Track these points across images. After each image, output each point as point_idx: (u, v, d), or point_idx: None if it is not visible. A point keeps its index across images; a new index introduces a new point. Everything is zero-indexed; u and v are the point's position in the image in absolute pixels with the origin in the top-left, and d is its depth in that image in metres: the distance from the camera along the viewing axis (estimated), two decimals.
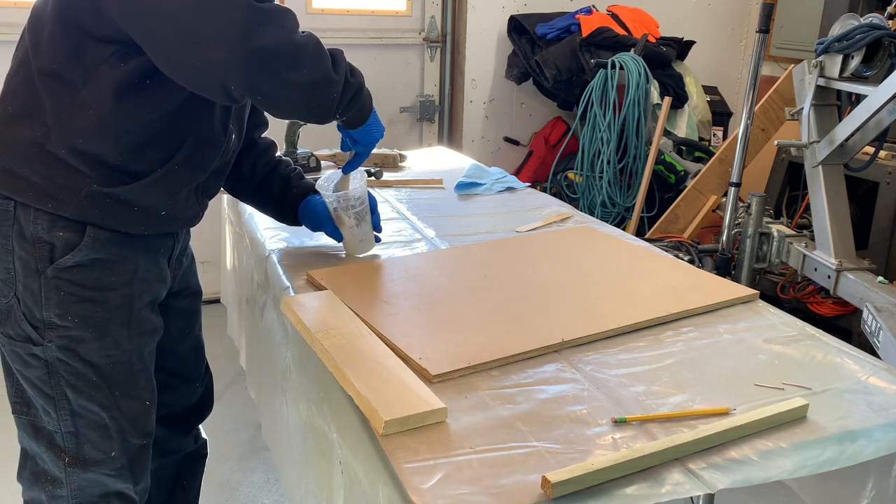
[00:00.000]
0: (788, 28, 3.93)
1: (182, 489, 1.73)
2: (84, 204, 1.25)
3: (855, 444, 1.06)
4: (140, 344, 1.37)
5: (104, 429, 1.35)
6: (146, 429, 1.42)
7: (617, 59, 3.44)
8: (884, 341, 2.17)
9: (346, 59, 1.34)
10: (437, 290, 1.50)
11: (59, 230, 1.26)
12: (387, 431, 1.02)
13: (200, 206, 1.46)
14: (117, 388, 1.35)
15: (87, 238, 1.27)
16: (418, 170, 2.51)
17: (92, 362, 1.31)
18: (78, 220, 1.26)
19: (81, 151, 1.23)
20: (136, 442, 1.39)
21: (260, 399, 1.80)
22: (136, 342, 1.36)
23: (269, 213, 1.77)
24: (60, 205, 1.24)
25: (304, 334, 1.31)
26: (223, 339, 2.33)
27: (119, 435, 1.37)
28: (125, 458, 1.38)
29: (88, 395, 1.32)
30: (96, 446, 1.35)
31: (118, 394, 1.35)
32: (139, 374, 1.38)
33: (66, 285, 1.27)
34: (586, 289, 1.52)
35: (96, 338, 1.31)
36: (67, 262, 1.26)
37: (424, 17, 3.88)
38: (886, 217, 3.02)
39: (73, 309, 1.28)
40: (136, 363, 1.37)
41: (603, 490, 0.93)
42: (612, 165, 3.49)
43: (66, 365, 1.30)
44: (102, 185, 1.25)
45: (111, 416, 1.35)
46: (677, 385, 1.18)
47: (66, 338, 1.29)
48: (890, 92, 2.23)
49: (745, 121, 2.77)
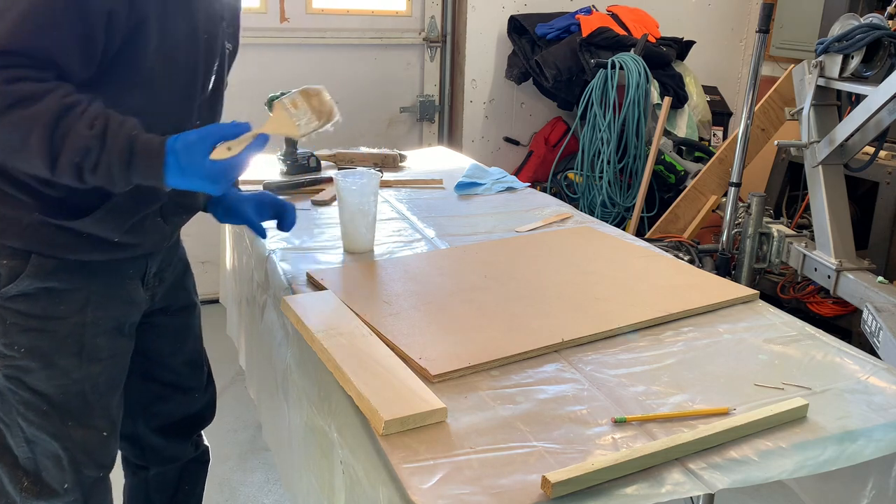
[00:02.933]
0: (788, 28, 3.93)
1: (184, 494, 1.71)
2: (28, 233, 1.22)
3: (855, 444, 1.06)
4: (93, 372, 1.32)
5: (57, 459, 1.32)
6: (103, 460, 1.37)
7: (617, 59, 3.44)
8: (884, 341, 2.17)
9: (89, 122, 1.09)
10: (437, 290, 1.50)
11: (3, 258, 1.23)
12: (387, 431, 1.03)
13: (169, 228, 1.40)
14: (70, 419, 1.31)
15: (30, 267, 1.23)
16: (418, 170, 2.51)
17: (40, 392, 1.28)
18: (22, 248, 1.22)
19: (22, 182, 1.20)
20: (91, 474, 1.36)
21: (260, 399, 1.80)
22: (88, 371, 1.31)
23: None
24: (2, 234, 1.22)
25: (304, 334, 1.31)
26: (223, 339, 2.33)
27: (72, 466, 1.33)
28: (79, 492, 1.35)
29: (39, 424, 1.30)
30: (51, 476, 1.33)
31: (71, 424, 1.31)
32: (94, 404, 1.34)
33: (10, 315, 1.25)
34: (586, 289, 1.52)
35: (43, 367, 1.27)
36: (10, 291, 1.23)
37: (424, 17, 3.88)
38: (886, 217, 3.02)
39: (18, 339, 1.26)
40: (91, 392, 1.33)
41: (603, 490, 0.93)
42: (612, 165, 3.49)
43: (14, 394, 1.28)
44: (45, 215, 1.21)
45: (63, 447, 1.32)
46: (677, 385, 1.18)
47: (12, 367, 1.27)
48: (890, 92, 2.23)
49: (745, 121, 2.77)
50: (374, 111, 3.88)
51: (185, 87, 1.27)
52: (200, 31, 1.27)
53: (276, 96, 2.31)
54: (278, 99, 1.21)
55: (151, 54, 1.18)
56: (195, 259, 1.60)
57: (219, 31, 1.33)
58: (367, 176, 1.70)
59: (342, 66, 3.75)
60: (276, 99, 2.31)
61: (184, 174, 1.11)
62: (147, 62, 1.18)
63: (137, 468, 1.68)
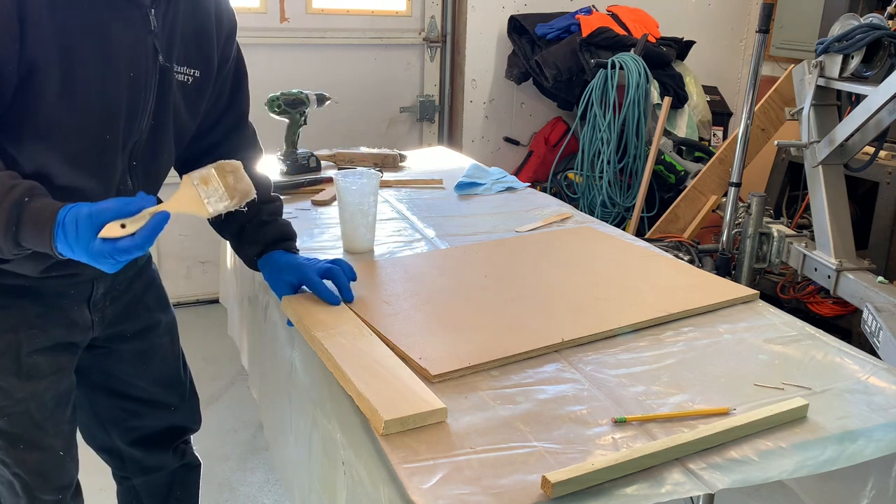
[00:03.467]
0: (788, 28, 3.93)
1: (176, 500, 1.67)
2: None
3: (855, 444, 1.06)
4: (37, 390, 1.26)
5: (10, 485, 1.29)
6: (60, 482, 1.32)
7: (617, 59, 3.44)
8: (884, 341, 2.17)
9: None
10: (437, 290, 1.50)
11: None
12: (387, 431, 1.03)
13: None
14: (20, 441, 1.26)
15: None
16: (418, 170, 2.51)
17: None
18: None
19: None
20: (47, 498, 1.31)
21: (262, 399, 1.80)
22: (31, 389, 1.26)
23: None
24: None
25: (304, 334, 1.31)
26: (223, 339, 2.33)
27: (25, 492, 1.29)
28: None
29: None
30: (8, 502, 1.30)
31: (22, 447, 1.26)
32: (44, 423, 1.28)
33: None
34: (586, 289, 1.52)
35: None
36: None
37: (424, 17, 3.88)
38: (886, 217, 3.02)
39: None
40: (37, 412, 1.27)
41: (603, 490, 0.93)
42: (612, 165, 3.49)
43: None
44: None
45: (13, 473, 1.27)
46: (677, 385, 1.18)
47: None
48: (890, 92, 2.23)
49: (745, 121, 2.77)
50: (374, 111, 3.89)
51: (100, 134, 1.18)
52: (122, 71, 1.18)
53: (275, 97, 2.31)
54: (188, 174, 1.09)
55: (51, 104, 1.10)
56: (195, 259, 1.59)
57: (152, 66, 1.23)
58: (367, 176, 1.70)
59: (342, 66, 3.75)
60: (275, 99, 2.31)
61: (71, 250, 1.01)
62: (46, 110, 1.11)
63: (122, 478, 1.64)
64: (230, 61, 1.42)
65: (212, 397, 2.87)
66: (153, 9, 1.21)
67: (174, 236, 3.51)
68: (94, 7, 1.13)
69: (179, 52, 1.28)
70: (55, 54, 1.09)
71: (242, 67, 1.47)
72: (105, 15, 1.15)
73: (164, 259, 3.55)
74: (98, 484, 1.90)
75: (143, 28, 1.20)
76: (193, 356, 1.80)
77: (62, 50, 1.10)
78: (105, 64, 1.15)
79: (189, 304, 3.66)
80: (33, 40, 1.07)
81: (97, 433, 1.56)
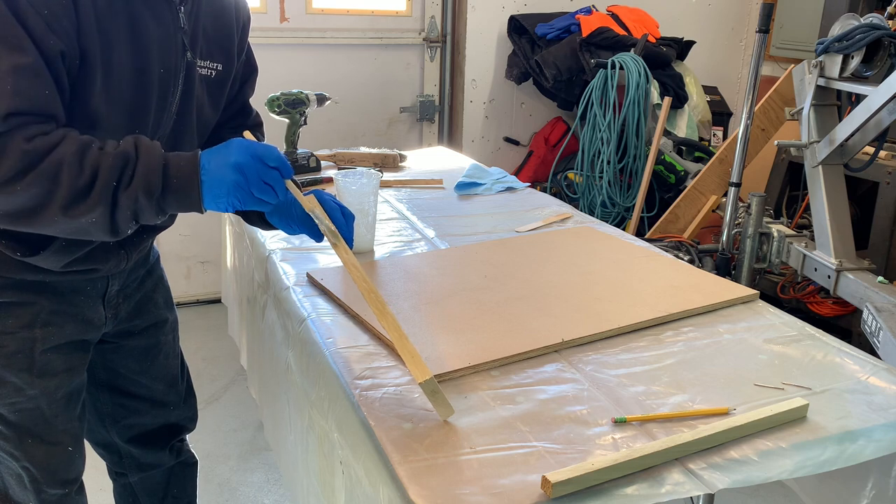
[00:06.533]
0: (788, 28, 3.93)
1: (173, 497, 1.68)
2: None
3: (855, 444, 1.06)
4: (49, 387, 1.28)
5: (19, 478, 1.30)
6: (67, 476, 1.34)
7: (617, 59, 3.44)
8: (884, 341, 2.17)
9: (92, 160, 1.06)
10: (437, 290, 1.50)
11: None
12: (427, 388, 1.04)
13: (127, 253, 1.34)
14: (29, 436, 1.28)
15: None
16: (418, 170, 2.51)
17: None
18: None
19: None
20: (53, 492, 1.33)
21: (261, 399, 1.80)
22: (43, 386, 1.28)
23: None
24: None
25: (353, 275, 1.21)
26: (223, 339, 2.33)
27: (33, 486, 1.30)
28: None
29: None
30: (17, 495, 1.31)
31: (31, 441, 1.28)
32: (53, 419, 1.30)
33: None
34: (586, 289, 1.52)
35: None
36: None
37: (424, 17, 3.88)
38: (886, 217, 3.02)
39: None
40: (48, 408, 1.29)
41: (603, 490, 0.93)
42: (612, 165, 3.49)
43: None
44: None
45: (22, 467, 1.29)
46: (677, 385, 1.18)
47: None
48: (890, 92, 2.23)
49: (745, 121, 2.77)
50: (374, 111, 3.89)
51: (131, 128, 1.19)
52: (154, 66, 1.20)
53: (275, 97, 2.31)
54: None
55: (97, 95, 1.13)
56: (195, 259, 1.59)
57: (181, 62, 1.25)
58: (367, 176, 1.70)
59: (342, 66, 3.75)
60: (275, 99, 2.31)
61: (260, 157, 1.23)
62: (92, 104, 1.13)
63: (118, 475, 1.65)
64: (245, 52, 1.44)
65: (211, 397, 2.86)
66: (182, 6, 1.23)
67: (174, 236, 3.51)
68: (130, 1, 1.15)
69: (202, 47, 1.30)
70: (97, 46, 1.11)
71: (253, 61, 1.49)
72: (139, 10, 1.16)
73: (165, 259, 3.52)
74: (98, 484, 1.90)
75: (174, 24, 1.22)
76: (193, 356, 1.80)
77: (103, 43, 1.11)
78: (138, 59, 1.17)
79: (189, 304, 3.66)
80: (83, 31, 1.09)
81: (96, 428, 1.57)
